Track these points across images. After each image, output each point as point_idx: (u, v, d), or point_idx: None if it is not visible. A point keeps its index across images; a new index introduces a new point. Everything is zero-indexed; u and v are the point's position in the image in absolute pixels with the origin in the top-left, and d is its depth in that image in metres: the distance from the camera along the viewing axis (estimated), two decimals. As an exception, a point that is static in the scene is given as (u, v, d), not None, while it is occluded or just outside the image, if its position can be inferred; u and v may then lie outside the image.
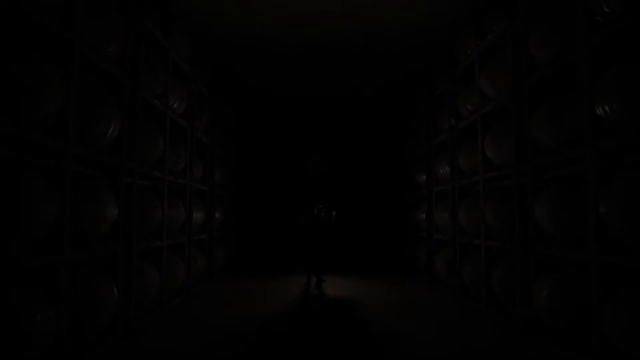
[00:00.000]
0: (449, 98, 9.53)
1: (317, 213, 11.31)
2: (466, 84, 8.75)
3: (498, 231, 7.15)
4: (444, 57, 9.86)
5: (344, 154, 18.44)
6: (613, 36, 4.45)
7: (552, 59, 5.42)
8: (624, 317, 4.07)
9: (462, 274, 8.55)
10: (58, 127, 4.52)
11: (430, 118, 11.17)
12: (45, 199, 4.19)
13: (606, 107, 4.41)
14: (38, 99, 4.09)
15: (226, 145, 12.74)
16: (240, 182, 14.89)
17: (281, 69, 11.85)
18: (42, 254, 4.17)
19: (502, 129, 6.99)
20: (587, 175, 4.73)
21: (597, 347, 4.54)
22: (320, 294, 9.54)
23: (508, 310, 6.94)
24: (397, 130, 15.27)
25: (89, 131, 4.99)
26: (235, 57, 10.85)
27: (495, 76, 7.12)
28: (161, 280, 7.29)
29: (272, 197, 18.54)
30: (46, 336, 4.04)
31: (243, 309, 7.82)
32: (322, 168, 18.42)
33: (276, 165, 18.55)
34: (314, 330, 6.59)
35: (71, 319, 4.54)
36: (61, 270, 4.42)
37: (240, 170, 14.97)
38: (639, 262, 4.01)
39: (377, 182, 18.15)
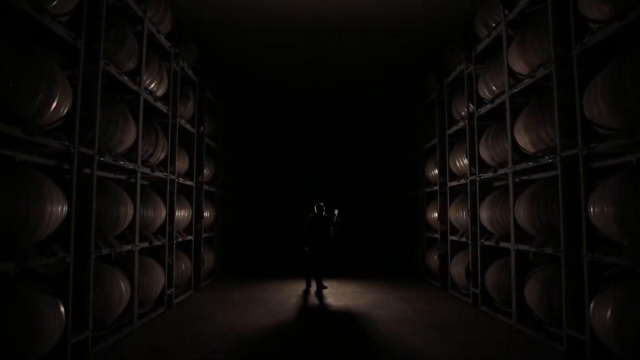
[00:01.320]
0: (467, 81, 8.37)
1: (317, 211, 10.15)
2: (488, 64, 7.59)
3: (534, 233, 5.99)
4: (461, 34, 8.68)
5: (345, 148, 17.29)
6: None
7: (616, 14, 4.25)
8: None
9: (485, 281, 7.40)
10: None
11: (442, 106, 10.01)
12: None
13: None
14: None
15: (217, 137, 11.57)
16: (234, 178, 13.73)
17: (279, 53, 10.72)
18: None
19: (539, 110, 5.83)
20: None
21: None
22: (320, 304, 8.38)
23: (546, 327, 5.78)
24: (401, 122, 14.09)
25: (22, 104, 3.83)
26: (228, 39, 9.73)
27: (529, 48, 5.95)
28: (132, 292, 6.13)
29: (270, 195, 17.37)
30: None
31: (230, 325, 6.66)
32: (323, 163, 17.27)
33: (274, 160, 17.39)
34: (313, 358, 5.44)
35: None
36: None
37: (233, 165, 13.80)
38: None
39: (381, 178, 16.99)
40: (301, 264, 10.64)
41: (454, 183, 9.11)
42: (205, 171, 10.38)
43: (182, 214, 8.60)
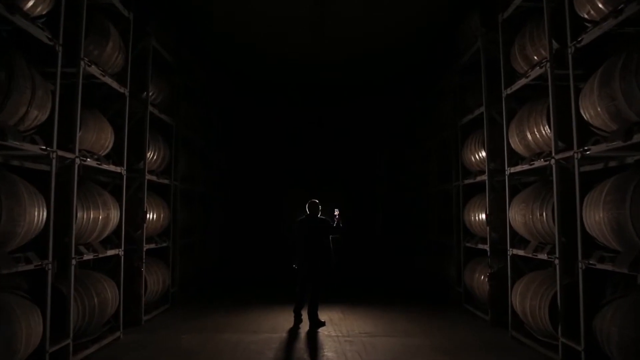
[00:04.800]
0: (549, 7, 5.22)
1: (311, 212, 6.99)
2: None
3: None
4: None
5: (348, 133, 13.97)
6: None
7: None
8: None
9: (598, 333, 4.22)
10: None
11: (492, 58, 6.88)
12: None
13: None
14: None
15: (176, 110, 8.46)
16: (203, 168, 10.56)
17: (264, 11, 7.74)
18: None
19: None
20: None
21: None
22: (313, 361, 5.22)
23: None
24: (423, 97, 10.94)
25: None
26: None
27: None
28: None
29: (253, 192, 14.07)
30: None
31: None
32: (320, 153, 14.01)
33: (257, 148, 14.09)
34: None
35: None
36: None
37: (203, 151, 10.65)
38: None
39: (396, 169, 13.73)
40: (291, 284, 7.43)
41: (522, 167, 5.92)
42: (150, 155, 7.28)
43: (96, 215, 5.45)
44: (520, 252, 5.88)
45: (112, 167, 5.91)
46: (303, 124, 13.61)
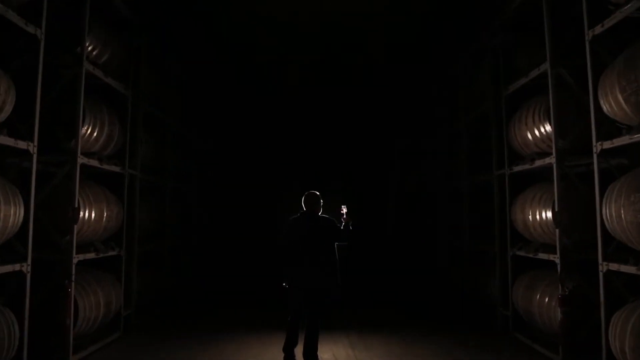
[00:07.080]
0: None
1: (308, 208, 4.97)
2: None
3: None
4: None
5: (357, 112, 11.84)
6: None
7: None
8: None
9: None
10: None
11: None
12: None
13: None
14: None
15: (133, 79, 6.50)
16: (173, 157, 8.55)
17: None
18: None
19: None
20: None
21: None
22: None
23: None
24: (446, 63, 8.93)
25: None
26: None
27: None
28: None
29: (236, 186, 11.99)
30: None
31: None
32: (322, 135, 11.93)
33: (241, 130, 11.98)
34: None
35: None
36: None
37: (175, 137, 8.64)
38: None
39: (416, 158, 11.65)
40: (285, 305, 5.40)
41: (633, 138, 3.88)
42: (87, 130, 5.33)
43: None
44: (630, 269, 3.85)
45: (8, 141, 3.93)
46: (302, 106, 11.61)
